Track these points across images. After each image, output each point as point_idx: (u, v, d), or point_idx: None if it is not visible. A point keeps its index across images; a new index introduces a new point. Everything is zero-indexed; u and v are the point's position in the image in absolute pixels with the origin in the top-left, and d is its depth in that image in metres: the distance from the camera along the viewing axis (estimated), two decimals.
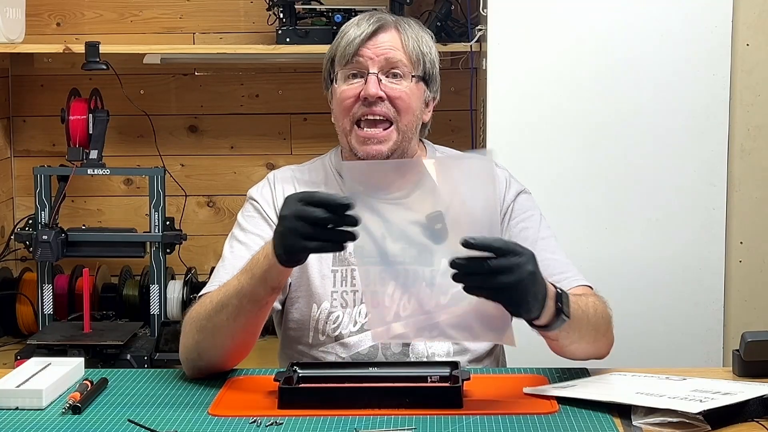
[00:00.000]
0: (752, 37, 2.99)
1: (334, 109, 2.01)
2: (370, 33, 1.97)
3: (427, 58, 2.01)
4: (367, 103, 1.95)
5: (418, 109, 2.00)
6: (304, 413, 1.66)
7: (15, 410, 1.71)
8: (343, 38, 1.99)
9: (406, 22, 2.02)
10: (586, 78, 2.99)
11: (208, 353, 1.85)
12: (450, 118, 3.53)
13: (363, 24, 1.98)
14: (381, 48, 1.97)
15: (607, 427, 1.62)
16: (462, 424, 1.62)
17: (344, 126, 1.99)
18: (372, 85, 1.94)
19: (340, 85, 1.98)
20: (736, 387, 1.71)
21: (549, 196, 2.27)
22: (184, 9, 3.69)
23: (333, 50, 2.02)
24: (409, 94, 1.97)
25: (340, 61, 1.98)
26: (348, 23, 2.03)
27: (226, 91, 3.72)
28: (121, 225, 3.62)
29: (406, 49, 1.98)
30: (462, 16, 3.44)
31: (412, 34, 2.00)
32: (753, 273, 3.04)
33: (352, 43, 1.96)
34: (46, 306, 3.30)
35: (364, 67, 1.96)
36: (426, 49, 2.01)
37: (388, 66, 1.97)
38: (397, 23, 2.01)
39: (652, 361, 2.91)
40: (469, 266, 1.59)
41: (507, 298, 1.62)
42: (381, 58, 1.96)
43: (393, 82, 1.97)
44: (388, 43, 1.97)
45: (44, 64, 3.69)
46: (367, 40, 1.96)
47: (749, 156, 3.02)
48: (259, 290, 1.77)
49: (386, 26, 1.99)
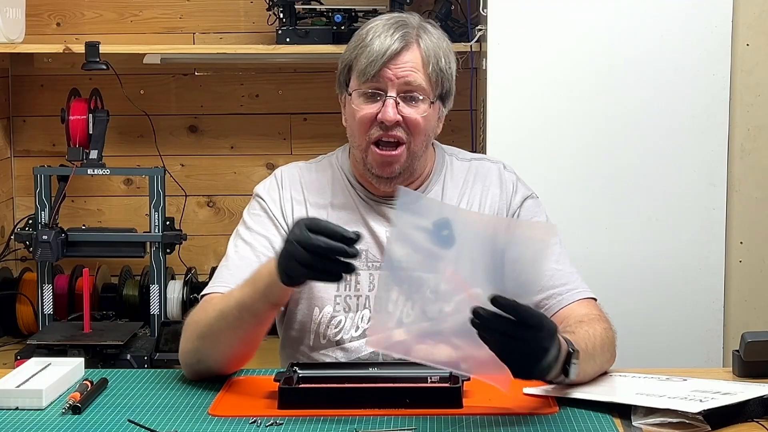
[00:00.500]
0: (752, 37, 2.99)
1: (350, 122, 1.99)
2: (395, 51, 1.92)
3: (446, 76, 1.98)
4: (384, 127, 1.93)
5: (431, 129, 1.99)
6: (304, 413, 1.66)
7: (15, 410, 1.71)
8: (365, 50, 1.93)
9: (427, 34, 1.97)
10: (586, 78, 2.99)
11: (207, 360, 1.85)
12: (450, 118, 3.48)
13: (387, 38, 1.93)
14: (402, 69, 1.92)
15: (607, 427, 1.61)
16: (462, 424, 1.62)
17: (360, 143, 1.97)
18: (390, 109, 1.92)
19: (358, 102, 1.95)
20: (736, 387, 1.71)
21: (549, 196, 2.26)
22: (184, 9, 3.69)
23: (351, 56, 1.97)
24: (425, 119, 1.95)
25: (360, 76, 1.94)
26: (371, 28, 1.96)
27: (226, 91, 3.72)
28: (121, 225, 3.62)
29: (427, 70, 1.94)
30: (462, 16, 3.44)
31: (433, 49, 1.95)
32: (753, 273, 3.04)
33: (375, 61, 1.91)
34: (46, 306, 3.30)
35: (383, 89, 1.93)
36: (445, 66, 1.97)
37: (407, 89, 1.93)
38: (419, 36, 1.95)
39: (652, 361, 2.91)
40: (489, 320, 1.57)
41: (513, 363, 1.62)
42: (401, 81, 1.92)
43: (410, 105, 1.94)
44: (410, 64, 1.93)
45: (44, 64, 3.69)
46: (392, 58, 1.92)
47: (749, 156, 3.02)
48: (259, 305, 1.78)
49: (410, 44, 1.94)
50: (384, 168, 1.96)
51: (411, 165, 1.98)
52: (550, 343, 1.62)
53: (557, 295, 1.94)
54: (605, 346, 1.84)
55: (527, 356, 1.61)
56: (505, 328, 1.57)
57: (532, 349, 1.60)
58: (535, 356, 1.61)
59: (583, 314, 1.89)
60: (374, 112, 1.94)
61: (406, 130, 1.94)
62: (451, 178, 2.06)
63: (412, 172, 2.00)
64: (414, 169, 2.00)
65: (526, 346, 1.59)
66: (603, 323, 1.89)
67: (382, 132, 1.94)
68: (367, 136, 1.95)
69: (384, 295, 1.72)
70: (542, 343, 1.61)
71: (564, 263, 1.99)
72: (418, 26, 1.97)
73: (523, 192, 2.06)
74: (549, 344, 1.62)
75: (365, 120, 1.94)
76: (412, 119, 1.94)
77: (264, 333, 1.85)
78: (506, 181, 2.06)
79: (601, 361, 1.83)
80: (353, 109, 1.96)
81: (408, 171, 1.99)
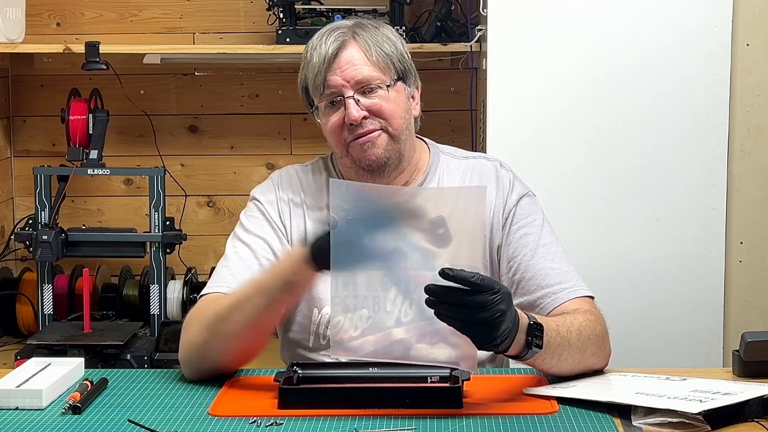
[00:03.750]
0: (752, 37, 2.99)
1: (327, 136, 2.02)
2: (332, 56, 1.95)
3: (395, 58, 1.99)
4: (353, 128, 1.95)
5: (404, 110, 2.00)
6: (304, 413, 1.66)
7: (15, 410, 1.71)
8: (309, 66, 1.98)
9: (361, 28, 1.99)
10: (586, 78, 2.99)
11: (213, 354, 1.85)
12: (450, 118, 3.53)
13: (323, 46, 1.96)
14: (348, 71, 1.95)
15: (607, 427, 1.62)
16: (462, 425, 1.62)
17: (340, 150, 2.00)
18: (353, 109, 1.94)
19: (324, 114, 1.99)
20: (736, 387, 1.71)
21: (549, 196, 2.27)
22: (184, 9, 3.69)
23: (303, 77, 2.01)
24: (390, 101, 1.97)
25: (315, 91, 1.98)
26: (309, 44, 2.01)
27: (226, 91, 3.72)
28: (121, 225, 3.62)
29: (371, 60, 1.96)
30: (462, 16, 3.44)
31: (371, 40, 1.97)
32: (753, 273, 3.04)
33: (319, 72, 1.95)
34: (46, 306, 3.30)
35: (338, 93, 1.96)
36: (390, 49, 1.99)
37: (361, 85, 1.95)
38: (355, 33, 1.97)
39: (652, 361, 2.91)
40: (442, 294, 1.61)
41: (474, 332, 1.63)
42: (351, 81, 1.95)
43: (369, 97, 1.96)
44: (353, 61, 1.96)
45: (44, 64, 3.69)
46: (331, 63, 1.95)
47: (749, 156, 3.02)
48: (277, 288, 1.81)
49: (346, 43, 1.96)
50: (369, 154, 1.96)
51: (397, 149, 1.99)
52: (507, 305, 1.63)
53: (551, 294, 1.94)
54: (584, 335, 1.83)
55: (486, 322, 1.61)
56: (459, 299, 1.60)
57: (490, 313, 1.61)
58: (493, 323, 1.62)
59: (571, 309, 1.89)
60: (341, 118, 1.96)
61: (376, 119, 1.96)
62: (447, 176, 2.06)
63: (399, 156, 2.00)
64: (401, 152, 2.00)
65: (484, 312, 1.61)
66: (588, 315, 1.88)
67: (355, 133, 1.95)
68: (343, 140, 1.97)
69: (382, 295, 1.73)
70: (498, 305, 1.61)
71: (560, 262, 1.99)
72: (352, 24, 2.00)
73: (519, 190, 2.06)
74: (506, 306, 1.62)
75: (335, 128, 1.97)
76: (375, 107, 1.96)
77: (273, 325, 1.88)
78: (503, 179, 2.06)
79: (580, 350, 1.82)
80: (323, 122, 1.99)
81: (395, 155, 1.99)
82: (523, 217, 2.03)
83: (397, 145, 1.98)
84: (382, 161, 1.97)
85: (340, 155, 2.01)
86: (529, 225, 2.02)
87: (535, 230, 2.02)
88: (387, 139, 1.97)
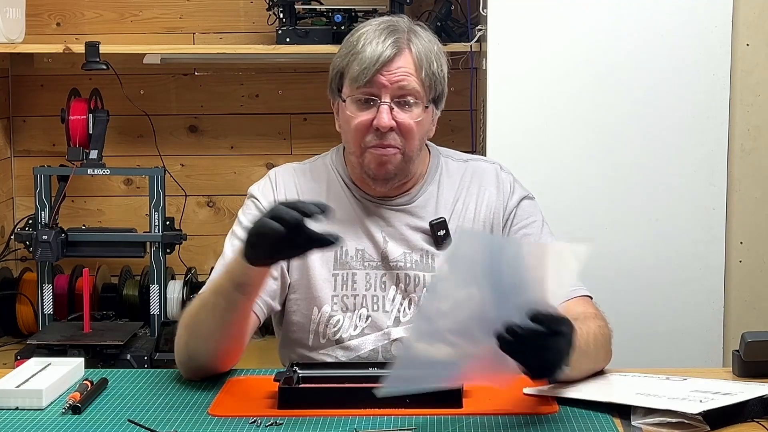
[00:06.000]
0: (752, 37, 2.99)
1: (344, 129, 1.99)
2: (387, 58, 1.92)
3: (438, 79, 1.98)
4: (379, 134, 1.93)
5: (424, 132, 2.00)
6: (304, 413, 1.66)
7: (15, 410, 1.71)
8: (358, 57, 1.93)
9: (417, 38, 1.97)
10: (585, 78, 2.99)
11: (196, 355, 1.85)
12: (450, 118, 3.53)
13: (380, 44, 1.92)
14: (396, 75, 1.93)
15: (607, 427, 1.62)
16: (462, 424, 1.62)
17: (355, 150, 1.98)
18: (385, 115, 1.92)
19: (352, 109, 1.96)
20: (736, 387, 1.71)
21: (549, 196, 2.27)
22: (184, 9, 3.69)
23: (343, 63, 1.97)
24: (419, 124, 1.95)
25: (353, 82, 1.94)
26: (362, 34, 1.96)
27: (226, 91, 3.72)
28: (121, 225, 3.62)
29: (420, 74, 1.94)
30: (462, 16, 3.44)
31: (425, 53, 1.95)
32: (753, 273, 3.04)
33: (368, 68, 1.91)
34: (46, 306, 3.30)
35: (377, 94, 1.93)
36: (437, 69, 1.97)
37: (401, 94, 1.94)
38: (410, 41, 1.95)
39: (652, 361, 2.91)
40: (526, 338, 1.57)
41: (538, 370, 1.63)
42: (395, 86, 1.93)
43: (404, 110, 1.94)
44: (403, 69, 1.93)
45: (44, 64, 3.68)
46: (385, 64, 1.92)
47: (749, 156, 3.02)
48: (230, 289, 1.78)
49: (402, 49, 1.93)
50: (380, 168, 1.96)
51: (405, 167, 1.99)
52: (569, 348, 1.63)
53: None
54: (599, 343, 1.84)
55: (551, 362, 1.61)
56: (536, 341, 1.58)
57: (555, 355, 1.61)
58: (558, 361, 1.62)
59: (579, 312, 1.88)
60: (369, 119, 1.94)
61: (400, 136, 1.94)
62: (446, 178, 2.07)
63: (406, 173, 2.01)
64: (408, 170, 2.01)
65: (551, 354, 1.60)
66: (598, 321, 1.89)
67: (377, 141, 1.94)
68: (363, 142, 1.96)
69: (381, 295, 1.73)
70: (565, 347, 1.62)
71: None
72: (408, 30, 1.98)
73: (520, 193, 2.07)
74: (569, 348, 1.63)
75: (360, 127, 1.95)
76: (406, 124, 1.94)
77: (244, 325, 1.86)
78: (503, 182, 2.07)
79: (594, 359, 1.83)
80: (348, 115, 1.97)
81: (403, 173, 1.99)
82: (523, 218, 2.05)
83: (407, 164, 1.99)
84: (390, 176, 1.98)
85: (352, 151, 1.99)
86: (530, 226, 2.04)
87: (535, 231, 2.04)
88: (401, 159, 1.96)
